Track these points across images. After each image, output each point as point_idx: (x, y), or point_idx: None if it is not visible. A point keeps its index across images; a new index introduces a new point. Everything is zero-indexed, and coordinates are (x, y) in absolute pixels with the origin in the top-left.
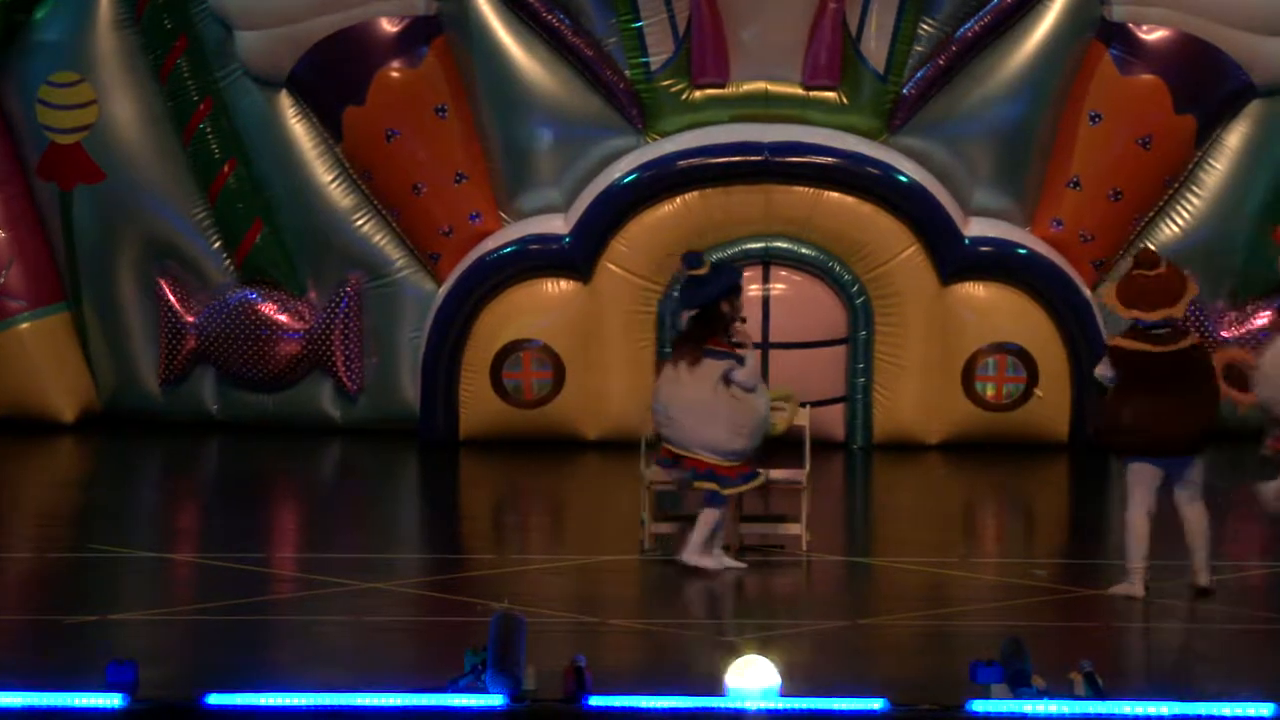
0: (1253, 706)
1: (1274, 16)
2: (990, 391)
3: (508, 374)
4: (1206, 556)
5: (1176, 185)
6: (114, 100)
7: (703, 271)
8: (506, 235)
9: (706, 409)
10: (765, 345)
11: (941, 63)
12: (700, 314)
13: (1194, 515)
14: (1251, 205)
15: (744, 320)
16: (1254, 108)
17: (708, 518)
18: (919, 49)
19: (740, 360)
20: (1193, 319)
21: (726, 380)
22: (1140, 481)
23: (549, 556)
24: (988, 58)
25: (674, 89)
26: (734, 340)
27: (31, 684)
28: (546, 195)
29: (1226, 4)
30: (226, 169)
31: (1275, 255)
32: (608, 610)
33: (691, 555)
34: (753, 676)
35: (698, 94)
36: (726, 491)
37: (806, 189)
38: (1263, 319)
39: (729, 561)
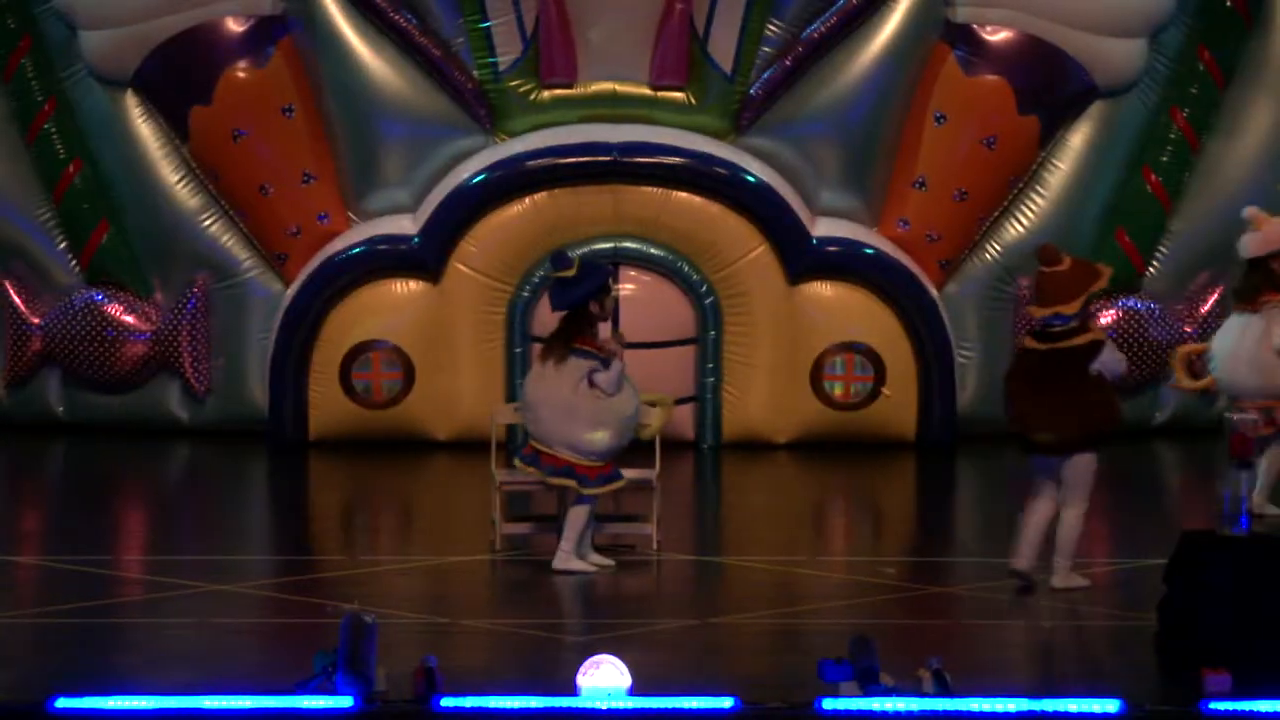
0: (1099, 703)
1: (1115, 18)
2: (838, 391)
3: (357, 375)
4: (1061, 559)
5: (1021, 185)
6: None
7: (571, 273)
8: (355, 235)
9: (567, 406)
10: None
11: (788, 63)
12: (569, 313)
13: (1063, 516)
14: (1095, 205)
15: (607, 319)
16: (1096, 108)
17: (575, 517)
18: (766, 50)
19: (606, 362)
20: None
21: (591, 381)
22: (1034, 475)
23: (399, 557)
24: (834, 59)
25: (522, 89)
26: (601, 346)
27: None
28: (394, 195)
29: (1068, 6)
30: (72, 169)
31: (1117, 255)
32: (458, 611)
33: (561, 561)
34: (603, 676)
35: (546, 94)
36: (585, 491)
37: (655, 189)
38: (1107, 317)
39: (600, 560)
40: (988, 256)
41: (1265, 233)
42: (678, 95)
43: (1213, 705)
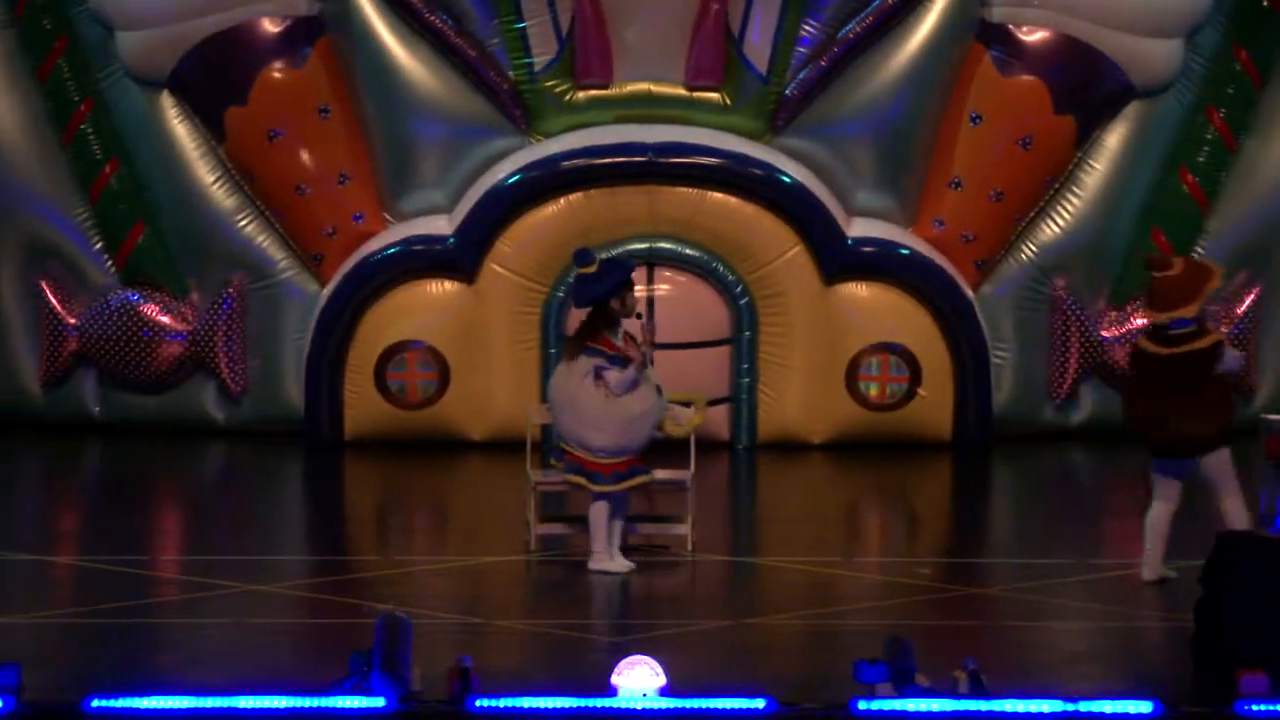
0: (1134, 704)
1: (1151, 18)
2: (874, 391)
3: (392, 375)
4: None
5: (1057, 186)
6: None
7: (592, 269)
8: (390, 236)
9: (573, 403)
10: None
11: (824, 64)
12: (591, 311)
13: (1226, 508)
14: (1131, 205)
15: (639, 316)
16: (1133, 109)
17: (592, 515)
18: (801, 50)
19: (621, 362)
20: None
21: (599, 378)
22: (1158, 477)
23: (434, 558)
24: (870, 59)
25: (557, 90)
26: (619, 346)
27: None
28: (430, 196)
29: (1104, 6)
30: (108, 170)
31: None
32: (493, 611)
33: (593, 561)
34: (638, 676)
35: (581, 95)
36: (595, 488)
37: (690, 189)
38: (1142, 319)
39: (621, 562)
40: (1023, 257)
41: None
42: (713, 95)
43: (1249, 706)
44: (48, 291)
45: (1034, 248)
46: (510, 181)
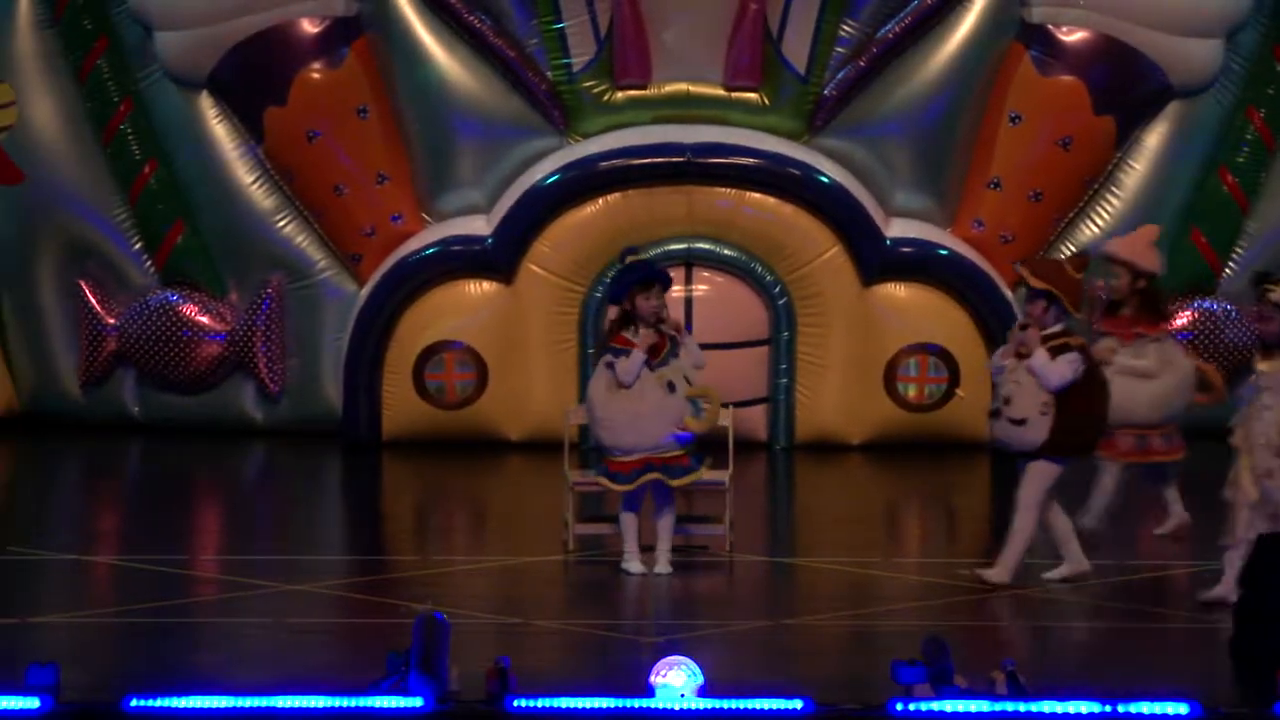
0: (1173, 705)
1: (1191, 18)
2: (912, 392)
3: (430, 375)
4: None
5: (1096, 186)
6: (34, 101)
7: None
8: (428, 236)
9: (588, 402)
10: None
11: (862, 64)
12: (619, 311)
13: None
14: (1171, 206)
15: (659, 323)
16: (1173, 109)
17: (620, 515)
18: (840, 50)
19: (628, 355)
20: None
21: (610, 370)
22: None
23: (472, 558)
24: (908, 59)
25: (596, 90)
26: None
27: None
28: (468, 196)
29: (1145, 6)
30: (147, 170)
31: (1194, 256)
32: (531, 611)
33: (623, 561)
34: (676, 677)
35: (619, 95)
36: (615, 488)
37: (728, 190)
38: (1182, 319)
39: (634, 564)
40: (1063, 258)
41: None
42: (751, 96)
43: None
44: (87, 292)
45: (1073, 248)
46: (548, 182)
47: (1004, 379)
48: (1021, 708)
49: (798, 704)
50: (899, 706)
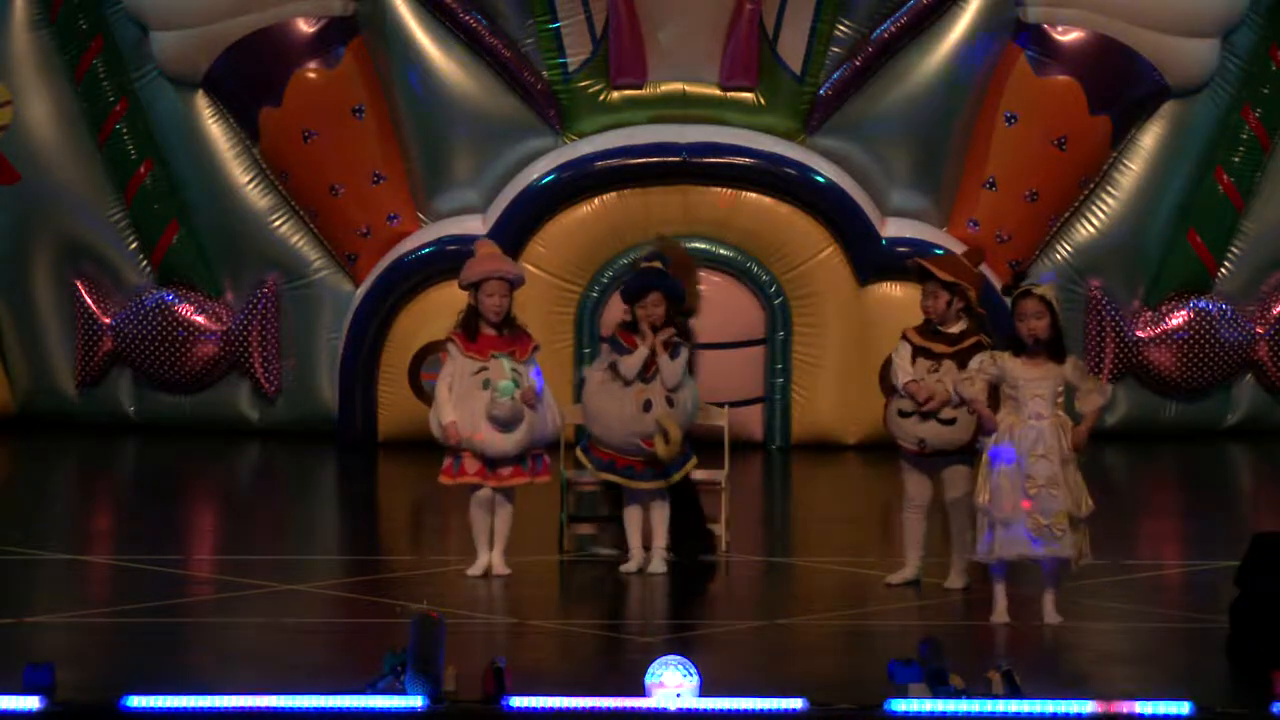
0: (1169, 705)
1: (1187, 18)
2: None
3: (426, 375)
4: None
5: (1092, 186)
6: (29, 101)
7: (654, 265)
8: (424, 236)
9: (585, 384)
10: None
11: (858, 63)
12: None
13: None
14: (1166, 206)
15: (653, 330)
16: (1168, 109)
17: (625, 519)
18: (836, 50)
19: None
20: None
21: (611, 368)
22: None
23: (468, 558)
24: (904, 59)
25: (591, 90)
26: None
27: None
28: (464, 196)
29: (1140, 6)
30: (142, 170)
31: (1190, 256)
32: (527, 611)
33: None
34: (672, 677)
35: (615, 95)
36: (589, 468)
37: (724, 190)
38: (1178, 318)
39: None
40: (1058, 257)
41: None
42: (747, 96)
43: None
44: (82, 291)
45: (1069, 248)
46: (544, 182)
47: (927, 379)
48: (1017, 708)
49: (795, 703)
50: (895, 706)
